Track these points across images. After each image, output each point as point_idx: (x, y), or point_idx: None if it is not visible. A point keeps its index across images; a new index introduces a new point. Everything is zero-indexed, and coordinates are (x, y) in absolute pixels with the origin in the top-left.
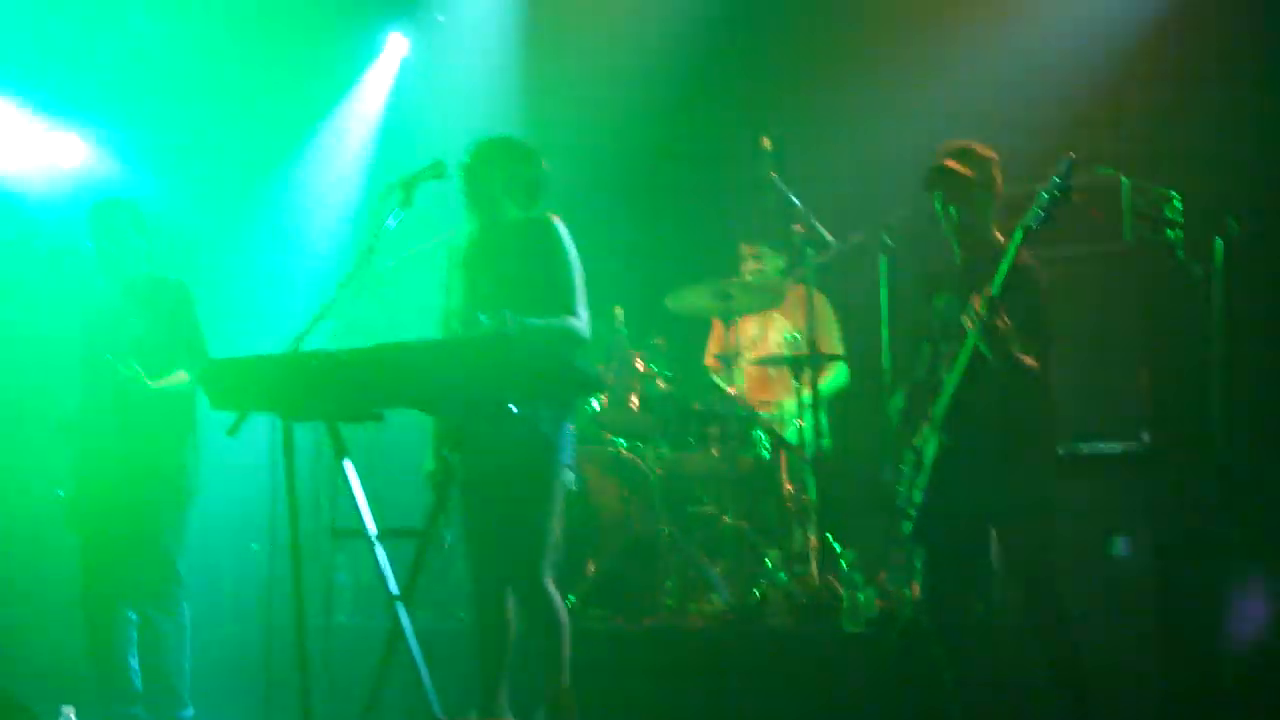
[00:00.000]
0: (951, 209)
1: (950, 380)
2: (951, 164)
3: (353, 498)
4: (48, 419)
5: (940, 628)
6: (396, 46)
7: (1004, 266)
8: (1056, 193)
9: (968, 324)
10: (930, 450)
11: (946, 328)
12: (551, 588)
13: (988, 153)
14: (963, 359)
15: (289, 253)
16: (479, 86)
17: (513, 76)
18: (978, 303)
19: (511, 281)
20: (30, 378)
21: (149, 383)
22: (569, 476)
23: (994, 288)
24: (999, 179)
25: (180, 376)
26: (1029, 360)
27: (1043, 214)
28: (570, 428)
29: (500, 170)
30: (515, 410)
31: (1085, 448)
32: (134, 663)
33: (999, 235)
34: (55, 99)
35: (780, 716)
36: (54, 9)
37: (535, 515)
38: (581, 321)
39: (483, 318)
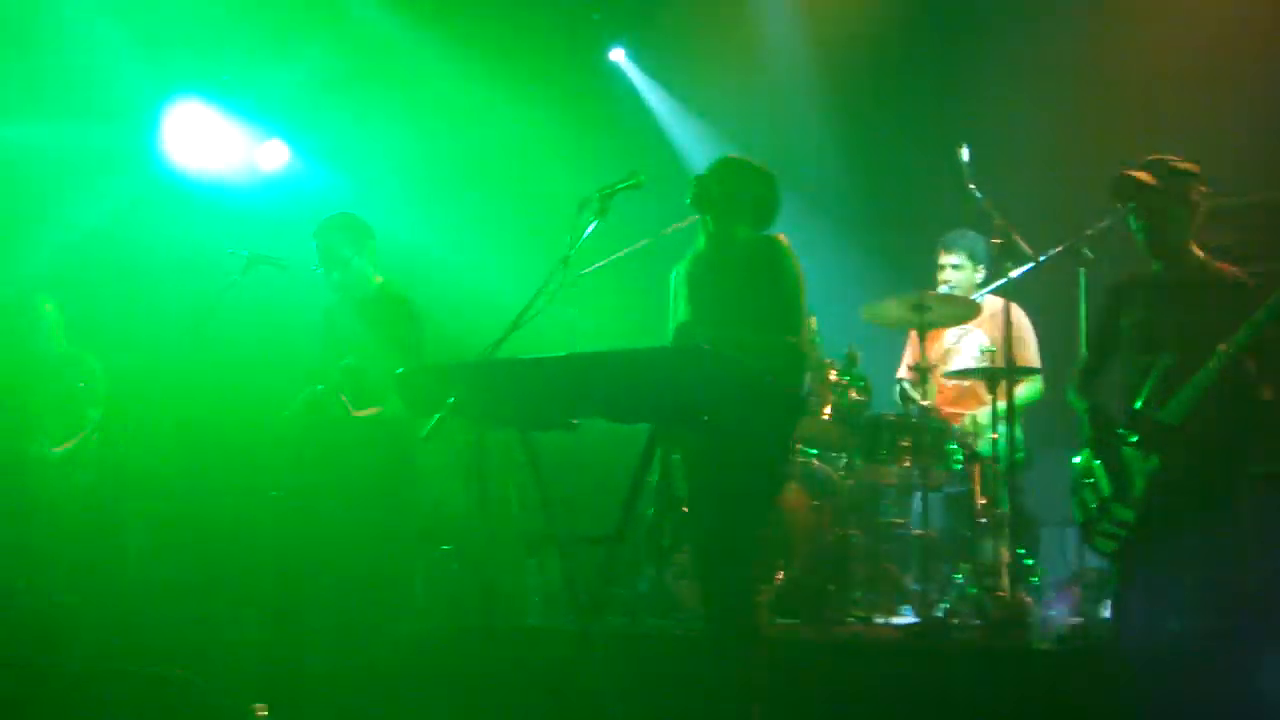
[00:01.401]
0: (1140, 221)
1: (1177, 403)
2: (1137, 174)
3: (544, 503)
4: (268, 431)
5: (1131, 646)
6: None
7: (1260, 319)
8: None
9: (1212, 367)
10: (1145, 468)
11: (1148, 341)
12: (758, 607)
13: (1184, 165)
14: (1196, 390)
15: (485, 262)
16: (673, 99)
17: (707, 87)
18: (1225, 347)
19: (737, 299)
20: (252, 386)
21: (353, 413)
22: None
23: (1243, 336)
24: (1196, 193)
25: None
26: (1267, 391)
27: None
28: (795, 445)
29: (737, 191)
30: (706, 421)
31: None
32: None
33: (1198, 250)
34: (260, 105)
35: None
36: (271, 16)
37: (749, 532)
38: (802, 341)
39: None
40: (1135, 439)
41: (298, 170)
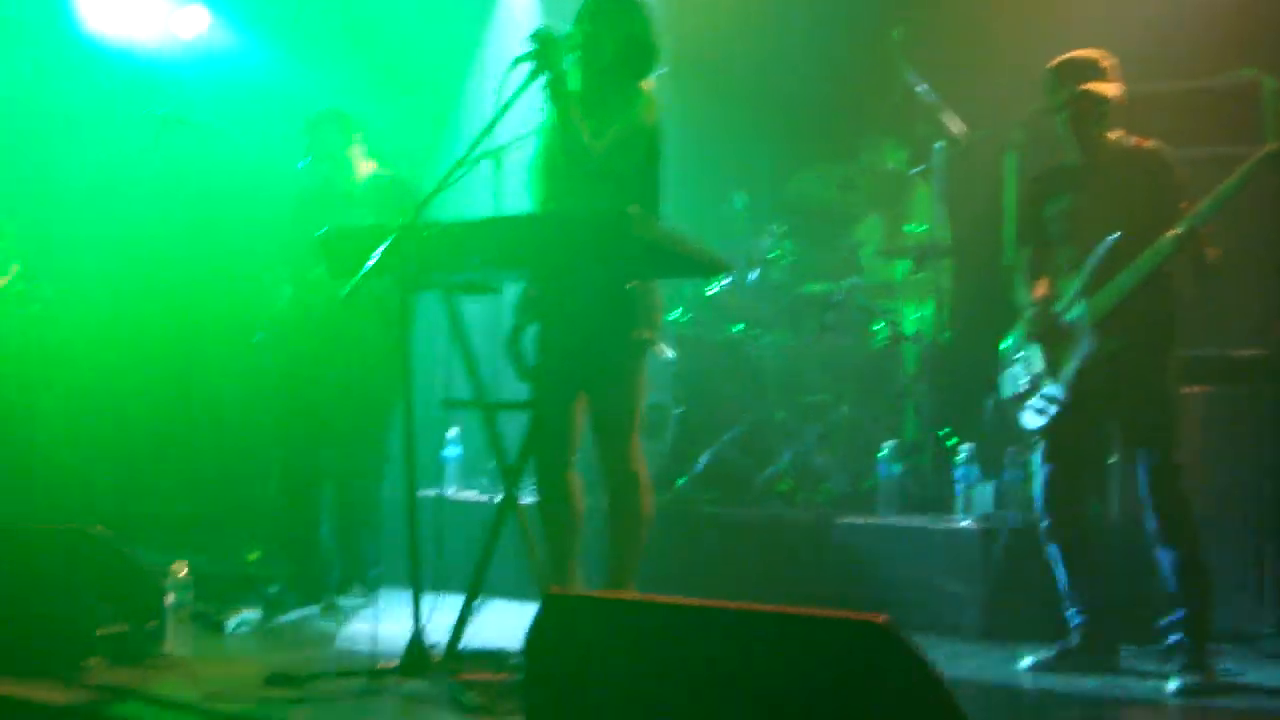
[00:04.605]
0: (1062, 117)
1: (1118, 285)
2: (1092, 88)
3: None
4: (259, 312)
5: (1055, 524)
6: None
7: (1228, 189)
8: None
9: (1145, 260)
10: (1080, 348)
11: (1075, 229)
12: (642, 468)
13: (1108, 61)
14: (1144, 268)
15: (407, 126)
16: None
17: None
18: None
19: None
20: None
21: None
22: (659, 347)
23: (1185, 226)
24: (1115, 85)
25: None
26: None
27: None
28: (657, 297)
29: (616, 29)
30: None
31: (1209, 352)
32: (324, 531)
33: (1118, 133)
34: None
35: (890, 609)
36: None
37: (621, 387)
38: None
39: None
40: (1071, 318)
41: (218, 37)
